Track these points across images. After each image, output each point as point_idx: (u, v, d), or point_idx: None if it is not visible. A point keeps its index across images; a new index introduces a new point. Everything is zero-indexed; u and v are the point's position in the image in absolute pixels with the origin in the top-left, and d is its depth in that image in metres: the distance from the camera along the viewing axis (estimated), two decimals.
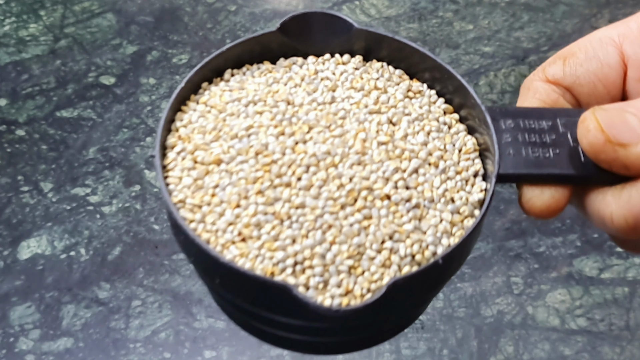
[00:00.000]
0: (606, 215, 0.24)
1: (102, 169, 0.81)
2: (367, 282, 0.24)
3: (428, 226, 0.25)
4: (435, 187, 0.26)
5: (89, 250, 0.75)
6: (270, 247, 0.25)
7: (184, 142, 0.27)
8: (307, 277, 0.24)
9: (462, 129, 0.28)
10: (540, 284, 0.73)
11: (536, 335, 0.70)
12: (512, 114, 0.27)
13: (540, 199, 0.26)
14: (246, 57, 0.30)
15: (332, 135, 0.27)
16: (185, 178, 0.26)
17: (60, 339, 0.70)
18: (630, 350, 0.69)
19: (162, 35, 0.94)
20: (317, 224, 0.25)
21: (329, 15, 0.29)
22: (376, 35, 0.29)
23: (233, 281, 0.24)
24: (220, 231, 0.25)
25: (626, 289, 0.73)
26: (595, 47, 0.27)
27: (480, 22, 0.97)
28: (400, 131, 0.27)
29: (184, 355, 0.69)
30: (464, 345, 0.70)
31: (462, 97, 0.28)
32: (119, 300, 0.72)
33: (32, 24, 0.95)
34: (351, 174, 0.26)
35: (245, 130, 0.27)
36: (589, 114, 0.24)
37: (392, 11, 0.99)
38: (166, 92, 0.87)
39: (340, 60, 0.30)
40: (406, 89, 0.29)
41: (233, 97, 0.28)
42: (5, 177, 0.81)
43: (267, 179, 0.25)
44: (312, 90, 0.28)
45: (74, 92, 0.88)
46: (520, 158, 0.26)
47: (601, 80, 0.27)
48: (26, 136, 0.84)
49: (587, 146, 0.24)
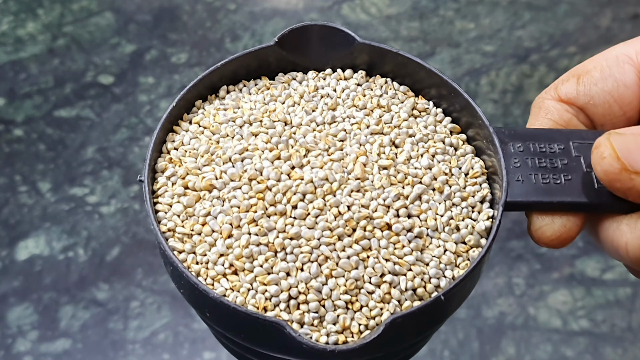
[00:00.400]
0: (621, 245, 0.23)
1: (101, 169, 0.81)
2: (365, 318, 0.23)
3: (431, 257, 0.24)
4: (439, 214, 0.25)
5: (88, 250, 0.75)
6: (263, 280, 0.24)
7: (175, 165, 0.26)
8: (302, 313, 0.23)
9: (469, 150, 0.27)
10: (542, 284, 0.73)
11: (538, 336, 0.70)
12: (521, 137, 0.26)
13: (551, 228, 0.24)
14: (242, 73, 0.29)
15: (331, 159, 0.25)
16: (176, 205, 0.25)
17: (59, 340, 0.69)
18: (632, 351, 0.69)
19: (160, 34, 0.94)
20: (312, 256, 0.24)
21: (330, 28, 0.28)
22: (380, 49, 0.28)
23: (223, 316, 0.23)
24: (211, 263, 0.24)
25: (628, 290, 0.72)
26: (611, 65, 0.25)
27: (482, 21, 0.97)
28: (403, 154, 0.26)
29: (183, 357, 0.69)
30: (465, 346, 0.69)
31: (470, 116, 0.27)
32: (118, 301, 0.72)
33: (30, 23, 0.95)
34: (350, 201, 0.24)
35: (239, 154, 0.26)
36: (603, 140, 0.23)
37: (393, 10, 0.98)
38: (165, 92, 0.87)
39: (342, 76, 0.29)
40: (411, 107, 0.28)
41: (227, 116, 0.27)
42: (2, 177, 0.80)
43: (260, 207, 0.24)
44: (311, 109, 0.27)
45: (72, 92, 0.88)
46: (529, 184, 0.25)
47: (617, 100, 0.25)
48: (24, 136, 0.84)
49: (602, 174, 0.23)
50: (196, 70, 0.88)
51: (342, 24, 0.34)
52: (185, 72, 0.88)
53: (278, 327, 0.22)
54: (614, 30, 0.93)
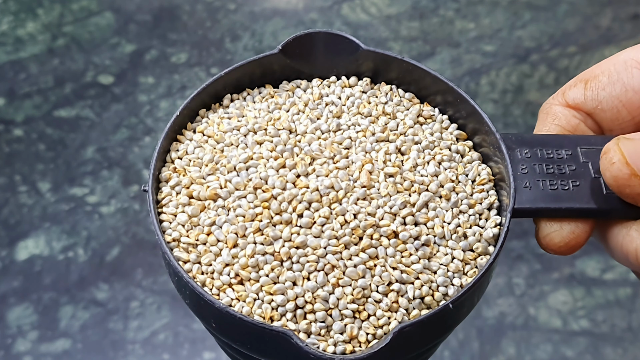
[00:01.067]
0: (630, 251, 0.23)
1: (101, 169, 0.81)
2: (372, 327, 0.23)
3: (438, 265, 0.24)
4: (446, 222, 0.25)
5: (87, 251, 0.75)
6: (269, 290, 0.23)
7: (179, 175, 0.26)
8: (309, 323, 0.23)
9: (475, 157, 0.27)
10: (542, 285, 0.73)
11: (538, 336, 0.70)
12: (529, 143, 0.25)
13: (559, 235, 0.24)
14: (246, 81, 0.28)
15: (336, 167, 0.25)
16: (180, 215, 0.25)
17: (59, 340, 0.69)
18: (632, 351, 0.69)
19: (160, 34, 0.94)
20: (319, 265, 0.23)
21: (334, 35, 0.28)
22: (384, 56, 0.28)
23: (229, 326, 0.23)
24: (216, 273, 0.24)
25: (629, 290, 0.72)
26: (619, 70, 0.25)
27: (482, 21, 0.97)
28: (409, 161, 0.26)
29: (183, 357, 0.69)
30: (465, 346, 0.69)
31: (476, 122, 0.26)
32: (118, 301, 0.72)
33: (30, 23, 0.95)
34: (356, 209, 0.24)
35: (244, 163, 0.25)
36: (612, 145, 0.22)
37: (393, 10, 0.98)
38: (165, 92, 0.87)
39: (347, 83, 0.28)
40: (416, 114, 0.27)
41: (232, 125, 0.27)
42: (2, 177, 0.80)
43: (266, 216, 0.24)
44: (316, 116, 0.27)
45: (72, 92, 0.88)
46: (537, 191, 0.25)
47: (625, 105, 0.25)
48: (24, 136, 0.84)
49: (611, 180, 0.23)
50: (196, 70, 0.88)
51: (342, 24, 0.34)
52: (185, 72, 0.88)
53: (285, 337, 0.22)
54: (614, 30, 0.93)
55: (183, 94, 0.87)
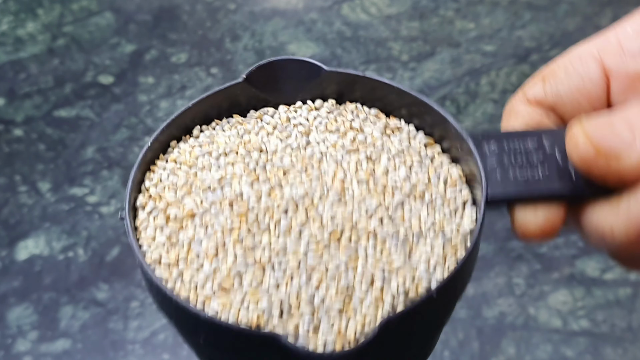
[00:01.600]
0: (606, 230, 0.23)
1: (101, 169, 0.81)
2: (359, 324, 0.23)
3: (419, 260, 0.24)
4: (422, 220, 0.25)
5: (87, 251, 0.75)
6: (253, 296, 0.24)
7: (155, 201, 0.26)
8: (296, 325, 0.23)
9: (445, 160, 0.27)
10: (542, 285, 0.73)
11: (538, 336, 0.70)
12: (495, 137, 0.26)
13: (534, 222, 0.25)
14: (214, 113, 0.29)
15: (310, 178, 0.26)
16: (159, 236, 0.25)
17: (59, 340, 0.69)
18: (632, 351, 0.69)
19: (160, 34, 0.94)
20: (300, 268, 0.24)
21: (296, 60, 0.28)
22: (347, 75, 0.28)
23: (218, 337, 0.23)
24: (200, 286, 0.24)
25: (629, 290, 0.72)
26: (574, 63, 0.26)
27: (482, 21, 0.97)
28: (380, 168, 0.26)
29: (183, 357, 0.69)
30: (465, 346, 0.69)
31: (443, 128, 0.27)
32: (118, 301, 0.72)
33: (30, 23, 0.95)
34: (332, 213, 0.25)
35: (218, 182, 0.26)
36: (576, 128, 0.23)
37: (393, 10, 0.98)
38: (165, 91, 0.87)
39: (313, 106, 0.29)
40: (383, 127, 0.28)
41: (203, 151, 0.27)
42: (2, 177, 0.80)
43: (244, 229, 0.24)
44: (285, 136, 0.28)
45: (72, 92, 0.88)
46: (508, 181, 0.25)
47: (584, 95, 0.26)
48: (24, 136, 0.84)
49: (578, 161, 0.23)
50: (196, 70, 0.88)
51: (342, 24, 0.35)
52: (185, 72, 0.88)
53: (274, 340, 0.22)
54: None
55: (183, 94, 0.87)
